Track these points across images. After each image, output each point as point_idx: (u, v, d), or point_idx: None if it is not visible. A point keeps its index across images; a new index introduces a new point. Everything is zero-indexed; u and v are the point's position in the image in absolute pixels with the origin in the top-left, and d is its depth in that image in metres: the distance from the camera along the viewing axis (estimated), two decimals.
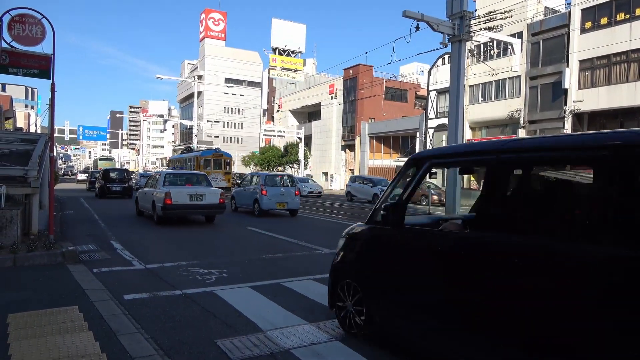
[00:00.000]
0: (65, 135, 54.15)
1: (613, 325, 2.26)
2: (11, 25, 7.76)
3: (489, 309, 2.83)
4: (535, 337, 2.57)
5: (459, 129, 15.22)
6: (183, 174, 14.46)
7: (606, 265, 2.34)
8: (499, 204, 3.08)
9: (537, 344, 2.56)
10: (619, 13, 25.37)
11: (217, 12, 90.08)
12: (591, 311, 2.35)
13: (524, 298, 2.65)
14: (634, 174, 2.40)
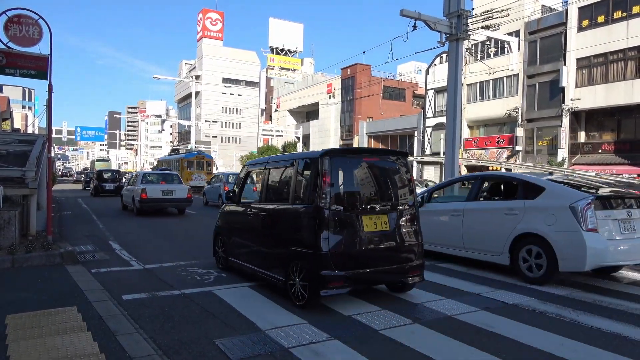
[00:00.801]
0: (63, 136, 54.08)
1: (303, 233, 4.82)
2: (8, 26, 7.74)
3: (260, 239, 5.65)
4: (272, 246, 5.38)
5: (456, 127, 15.23)
6: (158, 174, 16.94)
7: (297, 212, 4.96)
8: (264, 189, 5.87)
9: (274, 249, 5.33)
10: (616, 11, 25.43)
11: (214, 12, 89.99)
12: (290, 232, 5.06)
13: (274, 229, 5.41)
14: (302, 174, 5.04)
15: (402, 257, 5.06)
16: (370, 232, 4.80)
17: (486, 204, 7.14)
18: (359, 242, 4.74)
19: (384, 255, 4.94)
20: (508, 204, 6.60)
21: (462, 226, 7.07)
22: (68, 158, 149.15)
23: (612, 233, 5.78)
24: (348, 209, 4.77)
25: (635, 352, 3.74)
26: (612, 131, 27.16)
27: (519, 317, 4.59)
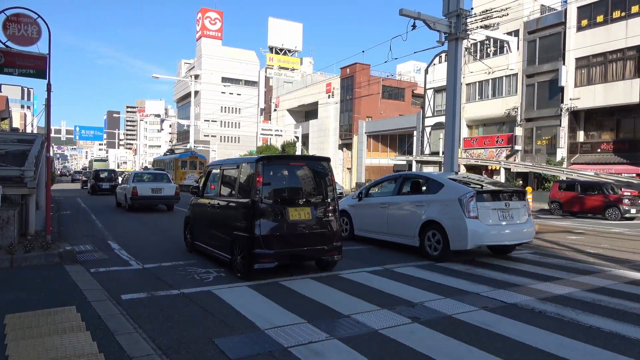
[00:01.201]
0: (62, 135, 54.00)
1: (242, 221, 6.05)
2: (6, 25, 7.72)
3: (215, 226, 6.93)
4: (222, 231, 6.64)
5: (455, 127, 15.23)
6: (149, 173, 18.44)
7: (239, 204, 6.27)
8: (219, 186, 7.19)
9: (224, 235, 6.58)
10: (615, 11, 25.45)
11: (213, 11, 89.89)
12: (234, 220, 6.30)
13: (223, 218, 6.68)
14: (244, 175, 6.35)
15: (323, 240, 6.34)
16: (295, 220, 6.14)
17: (403, 197, 8.64)
18: (285, 228, 6.07)
19: (307, 239, 6.24)
20: (418, 198, 8.27)
21: (387, 216, 8.67)
22: (67, 157, 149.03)
23: (492, 220, 7.38)
24: (277, 202, 6.10)
25: (635, 352, 3.75)
26: (611, 130, 27.19)
27: (518, 317, 4.60)
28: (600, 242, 10.72)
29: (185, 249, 8.19)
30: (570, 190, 19.56)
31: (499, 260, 7.77)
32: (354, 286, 5.77)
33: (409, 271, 6.73)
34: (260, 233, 5.91)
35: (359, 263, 7.29)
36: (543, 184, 27.74)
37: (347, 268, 6.86)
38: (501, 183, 10.44)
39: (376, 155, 47.58)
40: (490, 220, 7.35)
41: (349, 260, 7.53)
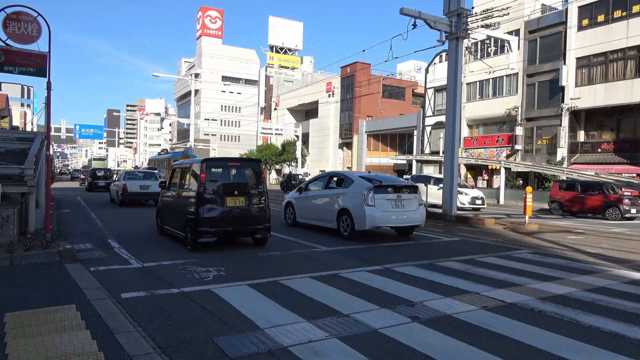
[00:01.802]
0: (62, 133, 53.98)
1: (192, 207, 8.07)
2: (6, 23, 7.71)
3: (175, 212, 8.95)
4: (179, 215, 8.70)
5: (456, 126, 15.21)
6: (139, 172, 20.44)
7: (190, 195, 8.36)
8: (178, 181, 9.20)
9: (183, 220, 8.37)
10: (615, 10, 25.43)
11: (214, 10, 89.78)
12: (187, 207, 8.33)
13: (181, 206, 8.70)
14: (193, 172, 8.47)
15: (254, 222, 8.39)
16: (231, 207, 8.13)
17: (328, 191, 10.85)
18: (223, 212, 8.07)
19: (241, 220, 8.23)
20: (336, 191, 10.50)
21: (317, 205, 10.95)
22: (67, 156, 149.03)
23: (386, 207, 9.59)
24: (217, 193, 8.14)
25: (634, 352, 3.75)
26: (612, 130, 27.18)
27: (518, 316, 4.60)
28: (600, 242, 10.72)
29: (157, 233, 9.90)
30: (570, 190, 19.56)
31: (499, 260, 7.78)
32: (354, 285, 5.77)
33: (408, 270, 6.73)
34: (204, 216, 7.88)
35: (359, 262, 7.29)
36: (543, 184, 27.74)
37: (347, 267, 6.86)
38: (399, 180, 12.39)
39: (376, 154, 47.58)
40: (384, 207, 9.56)
41: (348, 259, 7.53)
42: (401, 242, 9.72)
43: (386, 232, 10.98)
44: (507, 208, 23.77)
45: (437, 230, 12.06)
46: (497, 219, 15.00)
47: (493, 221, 14.07)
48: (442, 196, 15.89)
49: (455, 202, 15.73)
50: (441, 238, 10.62)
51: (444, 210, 15.44)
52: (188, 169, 8.87)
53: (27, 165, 7.94)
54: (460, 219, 14.61)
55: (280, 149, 51.64)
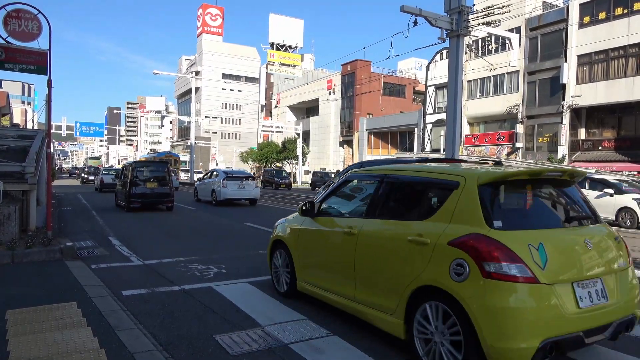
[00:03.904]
0: (63, 131, 53.92)
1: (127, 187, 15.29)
2: (7, 21, 7.70)
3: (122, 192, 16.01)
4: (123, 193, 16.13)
5: (457, 124, 15.20)
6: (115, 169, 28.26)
7: (125, 181, 15.75)
8: (129, 177, 15.17)
9: None
10: (617, 8, 25.35)
11: (214, 8, 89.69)
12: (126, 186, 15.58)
13: (123, 188, 15.89)
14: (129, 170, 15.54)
15: (162, 197, 15.33)
16: (150, 187, 15.17)
17: (209, 180, 19.35)
18: (144, 190, 15.05)
19: (155, 196, 15.25)
20: (212, 180, 18.77)
21: (203, 188, 19.78)
22: (68, 153, 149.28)
23: (233, 188, 17.66)
24: (141, 180, 15.12)
25: (634, 349, 3.75)
26: (613, 128, 27.15)
27: None
28: None
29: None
30: None
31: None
32: None
33: None
34: (133, 192, 14.86)
35: None
36: None
37: None
38: (245, 173, 20.06)
39: (377, 152, 47.56)
40: (232, 188, 17.64)
41: None
42: None
43: None
44: None
45: None
46: None
47: None
48: None
49: None
50: None
51: None
52: (128, 167, 15.69)
53: (28, 163, 7.95)
54: None
55: (280, 146, 51.62)
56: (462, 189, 3.28)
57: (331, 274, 4.32)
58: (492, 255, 2.92)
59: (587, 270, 3.14)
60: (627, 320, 3.22)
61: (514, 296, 2.85)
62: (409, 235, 3.44)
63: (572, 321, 2.92)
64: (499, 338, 2.83)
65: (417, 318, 3.28)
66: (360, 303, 3.88)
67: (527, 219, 3.33)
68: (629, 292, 3.32)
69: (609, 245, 3.41)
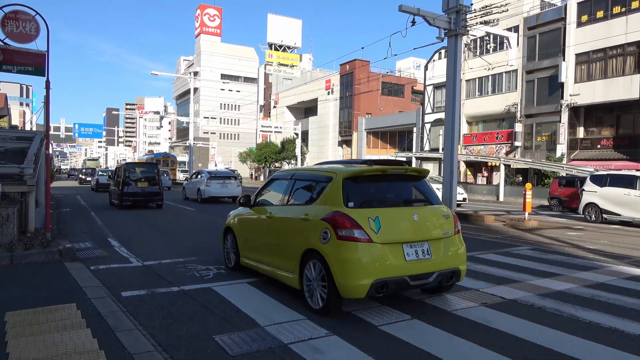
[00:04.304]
0: (61, 132, 53.91)
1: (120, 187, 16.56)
2: (4, 22, 7.69)
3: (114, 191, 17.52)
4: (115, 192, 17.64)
5: (455, 123, 15.21)
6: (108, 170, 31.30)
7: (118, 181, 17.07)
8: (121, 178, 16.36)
9: None
10: (615, 6, 25.39)
11: (212, 8, 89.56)
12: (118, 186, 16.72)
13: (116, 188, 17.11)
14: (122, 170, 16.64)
15: (152, 196, 16.56)
16: (140, 187, 16.37)
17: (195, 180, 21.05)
18: (135, 189, 16.26)
19: (145, 195, 16.44)
20: (198, 179, 20.56)
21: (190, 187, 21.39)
22: (66, 155, 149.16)
23: (216, 187, 19.40)
24: (133, 180, 16.33)
25: (634, 347, 3.76)
26: (611, 127, 27.18)
27: (518, 313, 4.61)
28: (599, 238, 10.74)
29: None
30: (570, 187, 19.55)
31: (499, 257, 7.79)
32: None
33: None
34: (125, 191, 15.96)
35: None
36: (543, 180, 27.75)
37: None
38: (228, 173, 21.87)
39: (376, 152, 47.56)
40: (215, 187, 19.25)
41: None
42: None
43: None
44: (506, 205, 23.78)
45: None
46: (496, 215, 15.01)
47: (493, 218, 14.08)
48: (442, 193, 15.90)
49: (455, 199, 15.73)
50: None
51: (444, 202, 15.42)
52: (120, 168, 16.89)
53: (26, 165, 7.94)
54: (459, 216, 14.61)
55: (279, 146, 51.60)
56: (334, 181, 4.65)
57: (260, 250, 5.67)
58: (344, 225, 4.28)
59: (415, 235, 4.49)
60: (450, 272, 4.59)
61: (355, 251, 4.20)
62: (301, 215, 4.87)
63: (399, 268, 4.27)
64: (345, 278, 4.18)
65: (305, 273, 4.68)
66: (276, 268, 5.23)
67: (371, 201, 4.67)
68: (452, 253, 4.65)
69: (436, 220, 4.74)
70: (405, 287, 4.42)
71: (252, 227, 5.98)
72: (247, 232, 6.06)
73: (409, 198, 5.02)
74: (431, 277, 4.42)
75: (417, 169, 5.21)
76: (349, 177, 4.64)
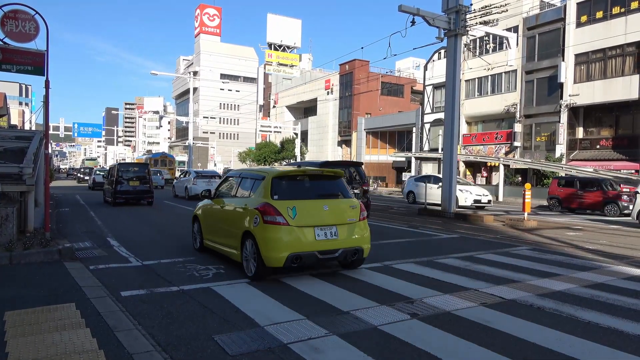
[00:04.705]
0: (60, 132, 53.80)
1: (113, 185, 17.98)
2: (4, 22, 7.68)
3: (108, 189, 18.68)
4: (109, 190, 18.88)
5: (455, 123, 15.22)
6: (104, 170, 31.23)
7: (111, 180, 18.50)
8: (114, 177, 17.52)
9: None
10: (614, 7, 25.41)
11: (212, 8, 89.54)
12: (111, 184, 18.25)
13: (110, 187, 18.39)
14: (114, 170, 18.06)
15: (144, 192, 17.75)
16: (132, 185, 17.45)
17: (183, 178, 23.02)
18: (128, 188, 17.30)
19: (137, 193, 17.60)
20: (187, 177, 22.39)
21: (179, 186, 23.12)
22: (65, 154, 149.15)
23: (202, 185, 20.21)
24: (125, 179, 17.36)
25: (633, 347, 3.76)
26: (610, 127, 27.21)
27: (517, 313, 4.61)
28: (599, 239, 10.75)
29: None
30: (569, 187, 19.58)
31: (498, 257, 7.80)
32: (353, 283, 5.78)
33: (407, 267, 6.75)
34: (118, 189, 17.00)
35: None
36: (542, 180, 27.78)
37: None
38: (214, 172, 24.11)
39: (375, 151, 47.57)
40: (201, 185, 19.95)
41: None
42: (400, 240, 9.74)
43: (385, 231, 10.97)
44: (506, 205, 23.79)
45: (436, 228, 12.08)
46: (496, 215, 15.02)
47: (492, 218, 14.09)
48: (441, 193, 15.91)
49: (454, 199, 15.75)
50: (440, 235, 10.64)
51: (442, 207, 15.45)
52: (113, 168, 18.05)
53: (25, 164, 7.93)
54: (459, 216, 14.62)
55: (279, 146, 51.58)
56: (265, 179, 6.05)
57: (217, 233, 7.05)
58: (270, 212, 5.62)
59: (325, 221, 5.82)
60: (353, 249, 5.95)
61: (277, 232, 5.54)
62: (242, 205, 6.28)
63: (310, 245, 5.63)
64: (268, 251, 5.54)
65: (243, 250, 6.03)
66: (227, 247, 6.61)
67: (291, 194, 5.93)
68: (356, 235, 6.01)
69: (344, 209, 6.07)
70: (315, 259, 5.69)
71: (211, 215, 7.37)
72: (208, 219, 7.47)
73: (323, 193, 6.28)
74: (337, 252, 5.78)
75: (333, 171, 6.62)
76: (277, 176, 6.01)
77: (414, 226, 12.31)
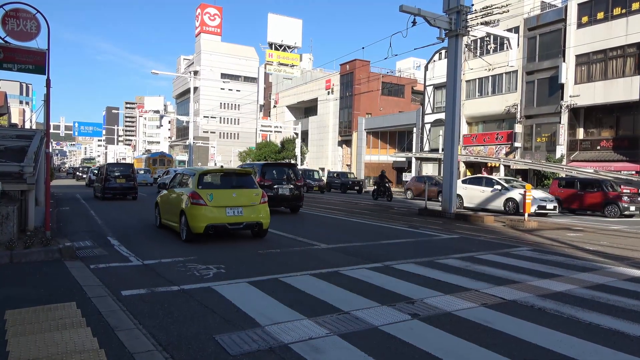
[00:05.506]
0: (61, 131, 53.82)
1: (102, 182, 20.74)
2: (5, 20, 7.68)
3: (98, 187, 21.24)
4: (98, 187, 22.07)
5: (455, 123, 15.21)
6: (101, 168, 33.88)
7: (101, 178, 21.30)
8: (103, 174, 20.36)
9: None
10: (615, 8, 25.40)
11: (212, 7, 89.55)
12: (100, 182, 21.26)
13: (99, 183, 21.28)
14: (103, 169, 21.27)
15: (129, 189, 20.28)
16: (119, 183, 20.03)
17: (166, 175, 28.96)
18: (115, 185, 19.84)
19: (123, 189, 20.11)
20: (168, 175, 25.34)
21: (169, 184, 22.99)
22: (66, 153, 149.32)
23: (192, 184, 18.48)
24: (112, 177, 19.99)
25: (634, 349, 3.76)
26: (611, 128, 27.20)
27: (518, 313, 4.61)
28: (599, 240, 10.75)
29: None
30: (569, 188, 19.57)
31: (499, 257, 7.80)
32: (354, 283, 5.78)
33: (408, 268, 6.75)
34: (106, 186, 19.57)
35: (359, 260, 7.30)
36: (542, 181, 27.76)
37: (347, 265, 6.86)
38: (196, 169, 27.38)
39: (375, 152, 47.57)
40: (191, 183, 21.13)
41: (348, 256, 7.54)
42: (401, 240, 9.74)
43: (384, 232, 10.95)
44: None
45: (437, 228, 12.08)
46: (496, 216, 15.02)
47: (492, 218, 14.09)
48: (442, 193, 15.90)
49: (455, 199, 15.74)
50: (441, 235, 10.64)
51: (443, 207, 15.44)
52: (103, 168, 20.63)
53: (26, 163, 7.93)
54: (459, 217, 14.62)
55: (279, 146, 51.55)
56: (195, 175, 8.99)
57: (168, 213, 9.92)
58: (195, 197, 8.46)
59: (234, 203, 8.68)
60: (254, 223, 8.82)
61: (198, 210, 8.39)
62: (182, 192, 9.16)
63: (222, 219, 8.51)
64: (192, 221, 8.39)
65: (181, 223, 8.84)
66: (173, 222, 9.45)
67: (211, 185, 9.04)
68: (256, 213, 8.85)
69: (248, 196, 8.95)
70: (225, 229, 8.69)
71: (165, 201, 10.29)
72: (163, 204, 10.39)
73: (235, 184, 9.26)
74: (242, 224, 8.69)
75: (244, 170, 9.90)
76: (202, 173, 9.09)
77: (414, 226, 12.31)
